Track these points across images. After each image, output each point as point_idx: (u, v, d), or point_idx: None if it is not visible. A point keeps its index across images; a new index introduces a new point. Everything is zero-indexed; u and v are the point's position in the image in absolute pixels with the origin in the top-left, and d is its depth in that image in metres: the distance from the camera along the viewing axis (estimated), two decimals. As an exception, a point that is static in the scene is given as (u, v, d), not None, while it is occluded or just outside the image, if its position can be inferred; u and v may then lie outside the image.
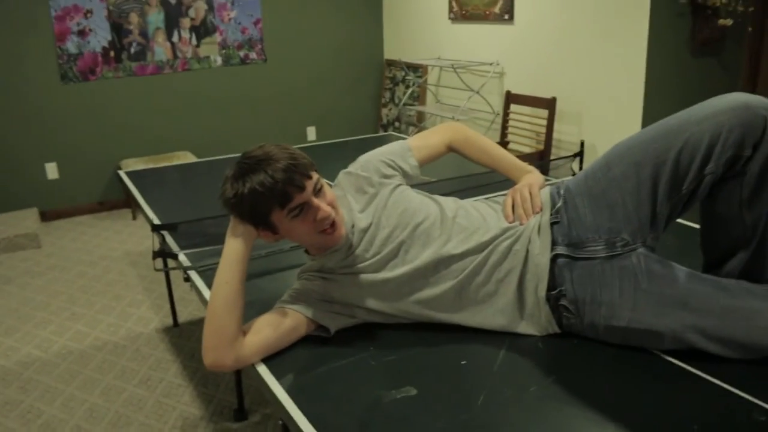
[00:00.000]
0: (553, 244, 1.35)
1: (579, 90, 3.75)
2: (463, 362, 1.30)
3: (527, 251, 1.36)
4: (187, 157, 4.62)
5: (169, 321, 3.05)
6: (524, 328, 1.38)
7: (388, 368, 1.29)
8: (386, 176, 1.52)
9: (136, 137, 4.73)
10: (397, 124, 5.52)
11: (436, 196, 1.51)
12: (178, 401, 2.43)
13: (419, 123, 5.23)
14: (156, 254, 1.79)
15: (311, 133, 5.51)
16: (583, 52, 3.68)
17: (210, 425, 2.27)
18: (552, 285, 1.33)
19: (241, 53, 4.96)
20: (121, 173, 2.88)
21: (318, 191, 1.33)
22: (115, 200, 4.78)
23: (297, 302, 1.38)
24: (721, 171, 1.25)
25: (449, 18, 4.69)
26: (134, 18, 4.47)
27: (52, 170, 4.51)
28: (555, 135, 3.93)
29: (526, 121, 4.09)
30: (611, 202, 1.32)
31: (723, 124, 1.22)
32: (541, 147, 3.92)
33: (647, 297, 1.24)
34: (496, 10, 4.20)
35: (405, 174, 1.56)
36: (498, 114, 4.38)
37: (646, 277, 1.25)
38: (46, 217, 4.56)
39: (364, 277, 1.39)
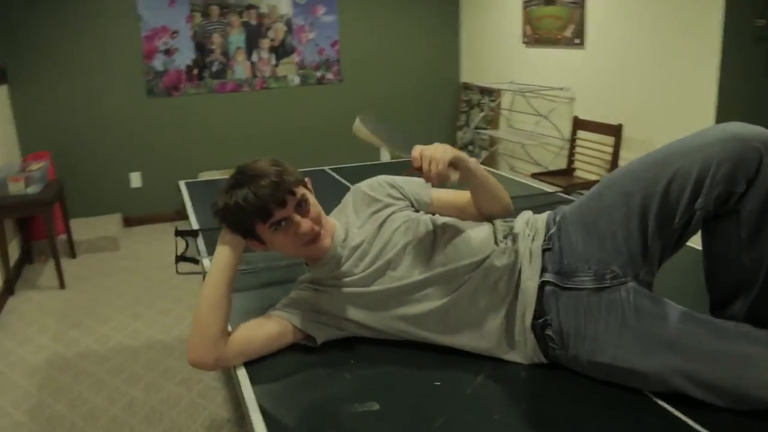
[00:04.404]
0: (543, 271, 1.32)
1: (647, 117, 3.60)
2: (437, 383, 1.28)
3: (518, 277, 1.34)
4: (260, 172, 4.81)
5: (218, 326, 3.17)
6: (511, 355, 1.34)
7: (361, 382, 1.30)
8: (393, 197, 1.53)
9: (215, 150, 4.98)
10: (470, 148, 5.50)
11: (433, 216, 1.51)
12: (211, 402, 2.52)
13: (491, 147, 5.19)
14: (178, 258, 1.88)
15: (385, 154, 5.59)
16: (651, 78, 3.55)
17: (235, 428, 2.35)
18: (539, 313, 1.30)
19: (318, 73, 5.13)
20: (181, 183, 3.04)
21: (300, 206, 1.37)
22: (192, 209, 5.05)
23: (287, 310, 1.41)
24: (713, 207, 1.18)
25: (522, 42, 4.65)
26: (217, 38, 4.73)
27: (136, 179, 4.83)
28: (621, 162, 3.79)
29: (593, 148, 3.97)
30: (601, 232, 1.27)
31: (712, 157, 1.15)
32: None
33: (633, 334, 1.18)
34: (568, 34, 4.13)
35: (413, 204, 1.55)
36: (567, 140, 4.28)
37: (634, 313, 1.20)
38: (128, 222, 4.88)
39: (351, 290, 1.40)
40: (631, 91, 3.71)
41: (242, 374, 1.33)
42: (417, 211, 1.54)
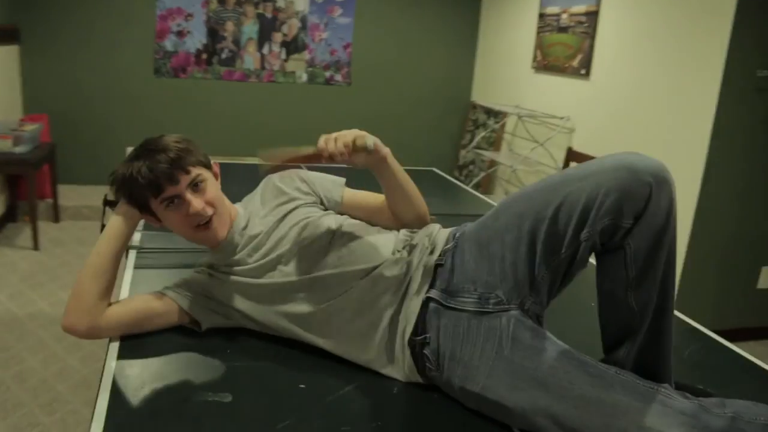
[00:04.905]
0: (431, 286, 1.28)
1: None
2: (302, 386, 1.25)
3: (406, 289, 1.30)
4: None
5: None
6: (388, 370, 1.30)
7: (228, 372, 1.27)
8: (301, 192, 1.51)
9: (216, 136, 5.01)
10: (471, 167, 5.45)
11: (339, 216, 1.48)
12: (141, 381, 2.51)
13: (489, 169, 5.14)
14: (103, 227, 1.87)
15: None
16: (649, 117, 3.48)
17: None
18: (420, 330, 1.25)
19: (327, 74, 5.13)
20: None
21: (196, 187, 1.35)
22: (185, 191, 5.08)
23: (177, 290, 1.39)
24: (599, 240, 1.13)
25: (532, 67, 4.60)
26: (230, 26, 4.77)
27: (132, 153, 4.87)
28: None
29: (583, 182, 3.90)
30: (492, 254, 1.23)
31: (601, 185, 1.09)
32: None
33: (505, 366, 1.13)
34: (575, 63, 4.08)
35: (323, 202, 1.53)
36: (559, 170, 4.22)
37: (510, 343, 1.14)
38: (120, 195, 4.91)
39: (242, 279, 1.38)
40: (627, 129, 3.64)
41: (113, 346, 1.32)
42: (326, 209, 1.51)
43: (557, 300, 1.29)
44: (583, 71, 4.01)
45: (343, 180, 1.55)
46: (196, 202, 1.34)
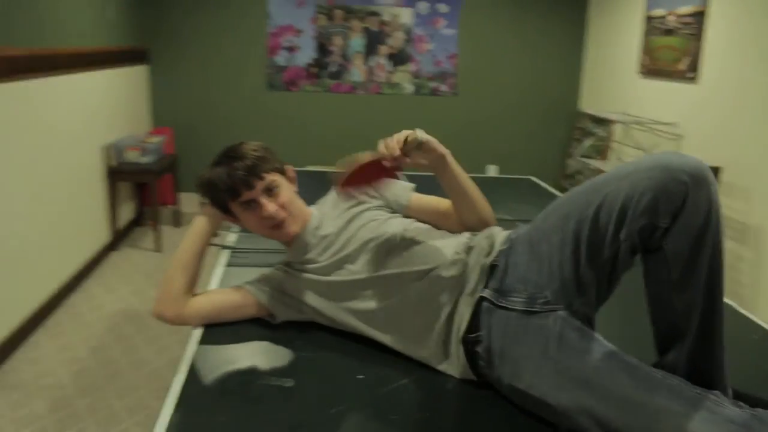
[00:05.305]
0: (485, 286, 1.32)
1: (752, 163, 3.31)
2: (360, 376, 1.33)
3: (462, 289, 1.35)
4: (359, 172, 5.00)
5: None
6: (444, 366, 1.35)
7: (295, 361, 1.38)
8: (369, 196, 1.60)
9: (325, 146, 5.24)
10: (577, 176, 5.32)
11: (405, 219, 1.55)
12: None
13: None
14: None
15: (491, 171, 5.57)
16: (761, 123, 3.26)
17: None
18: (473, 328, 1.29)
19: (432, 84, 5.22)
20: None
21: (270, 191, 1.48)
22: (295, 199, 5.35)
23: (256, 285, 1.52)
24: (639, 240, 1.13)
25: (639, 72, 4.44)
26: (338, 41, 4.99)
27: (247, 163, 5.20)
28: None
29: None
30: (542, 255, 1.25)
31: (637, 185, 1.10)
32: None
33: (551, 365, 1.15)
34: (682, 67, 3.89)
35: (390, 205, 1.61)
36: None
37: (557, 343, 1.16)
38: (235, 202, 5.26)
39: (312, 277, 1.49)
40: (739, 134, 3.43)
41: (195, 333, 1.47)
42: (393, 212, 1.59)
43: (617, 301, 1.28)
44: (690, 75, 3.82)
45: (411, 185, 1.63)
46: (269, 206, 1.46)
